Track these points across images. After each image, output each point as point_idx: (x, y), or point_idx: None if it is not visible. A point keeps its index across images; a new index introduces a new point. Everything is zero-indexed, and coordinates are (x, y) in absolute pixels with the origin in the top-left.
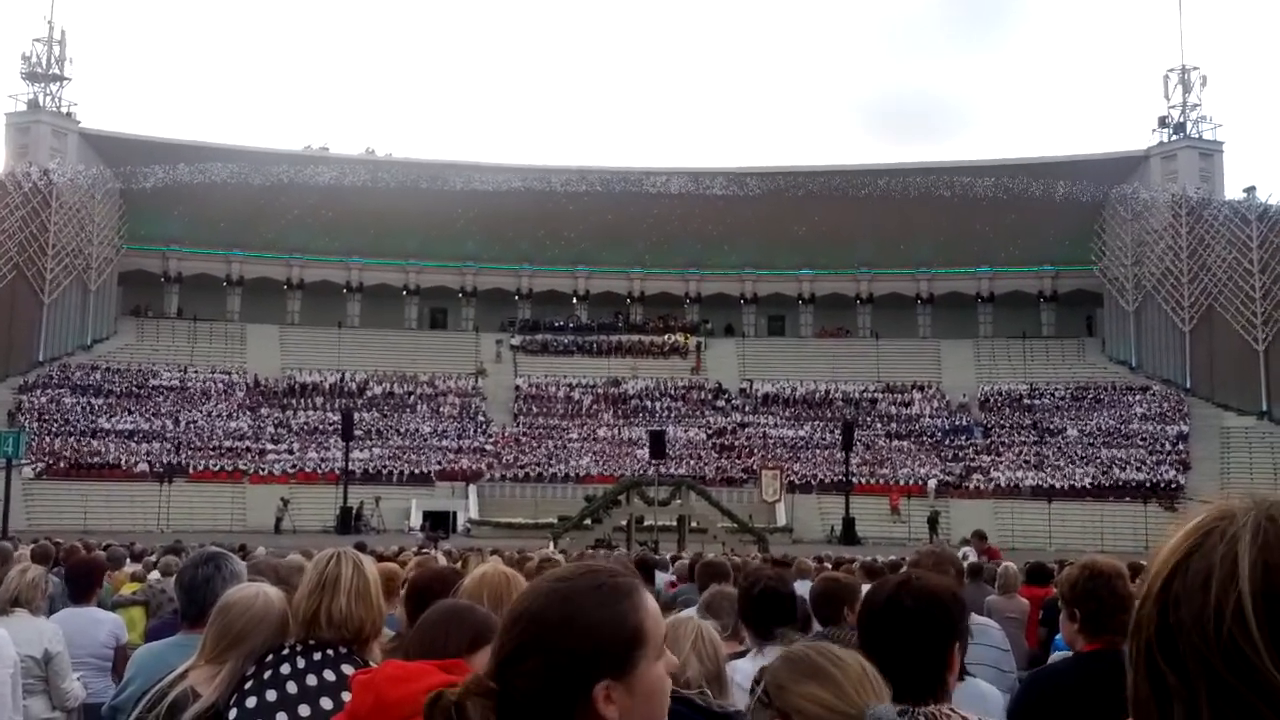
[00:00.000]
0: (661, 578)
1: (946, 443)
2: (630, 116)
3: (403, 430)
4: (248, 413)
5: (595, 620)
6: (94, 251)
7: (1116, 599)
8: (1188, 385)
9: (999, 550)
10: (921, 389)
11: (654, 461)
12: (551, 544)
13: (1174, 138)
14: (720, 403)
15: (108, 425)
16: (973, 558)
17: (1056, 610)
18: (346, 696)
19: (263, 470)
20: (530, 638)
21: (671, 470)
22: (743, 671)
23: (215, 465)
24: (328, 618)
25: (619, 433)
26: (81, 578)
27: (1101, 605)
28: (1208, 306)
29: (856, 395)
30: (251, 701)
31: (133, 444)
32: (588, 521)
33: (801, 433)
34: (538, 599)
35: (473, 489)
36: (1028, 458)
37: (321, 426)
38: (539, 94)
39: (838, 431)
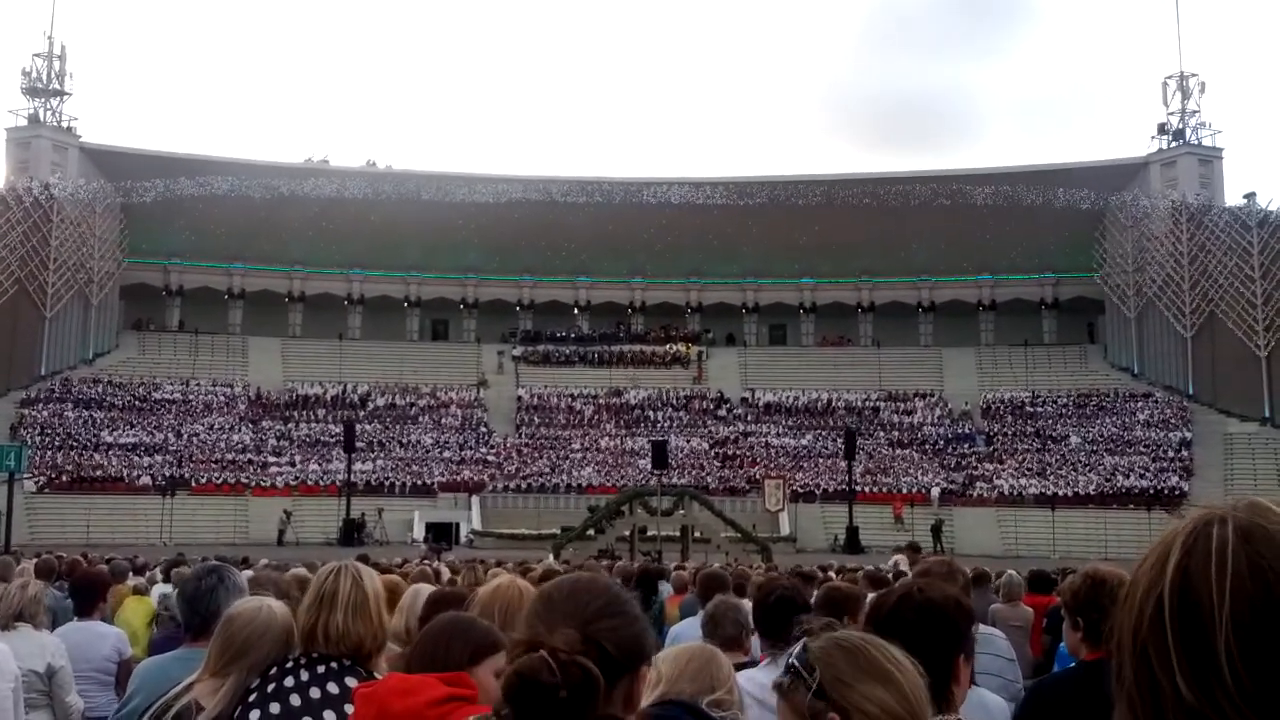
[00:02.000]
0: (664, 588)
1: (949, 451)
2: (631, 127)
3: (405, 442)
4: (249, 425)
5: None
6: (95, 265)
7: None
8: (1190, 392)
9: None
10: (923, 397)
11: (656, 471)
12: (551, 556)
13: (1173, 144)
14: (722, 412)
15: (110, 439)
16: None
17: (1060, 618)
18: (350, 709)
19: (265, 483)
20: (616, 602)
21: (674, 480)
22: (756, 682)
23: (217, 478)
24: (325, 633)
25: (621, 443)
26: (86, 592)
27: (1104, 614)
28: (1209, 313)
29: (858, 404)
30: (255, 714)
31: (135, 457)
32: (591, 532)
33: (804, 442)
34: (604, 582)
35: (475, 500)
36: (1030, 465)
37: (323, 439)
38: (539, 105)
39: (840, 440)
